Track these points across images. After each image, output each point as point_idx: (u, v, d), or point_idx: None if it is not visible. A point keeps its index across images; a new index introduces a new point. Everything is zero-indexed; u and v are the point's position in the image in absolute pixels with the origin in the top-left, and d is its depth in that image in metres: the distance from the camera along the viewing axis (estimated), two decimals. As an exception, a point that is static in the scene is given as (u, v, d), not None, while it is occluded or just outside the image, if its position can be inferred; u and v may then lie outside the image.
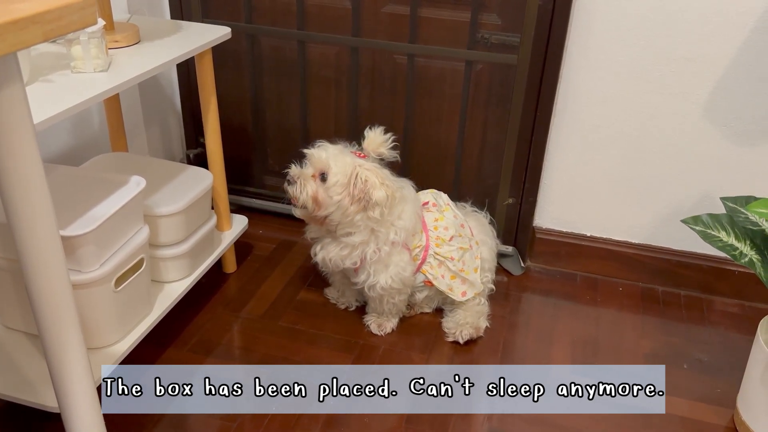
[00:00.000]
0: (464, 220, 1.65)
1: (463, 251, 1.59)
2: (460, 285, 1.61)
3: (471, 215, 1.74)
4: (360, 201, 1.44)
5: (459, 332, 1.59)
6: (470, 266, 1.61)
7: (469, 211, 1.75)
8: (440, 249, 1.57)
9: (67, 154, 1.75)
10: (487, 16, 1.67)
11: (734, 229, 1.37)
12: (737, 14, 1.51)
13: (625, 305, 1.79)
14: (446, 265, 1.58)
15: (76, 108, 1.11)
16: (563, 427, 1.40)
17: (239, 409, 1.41)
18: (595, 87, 1.68)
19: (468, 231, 1.64)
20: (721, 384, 1.53)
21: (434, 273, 1.58)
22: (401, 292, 1.58)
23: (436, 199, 1.64)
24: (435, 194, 1.66)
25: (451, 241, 1.57)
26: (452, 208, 1.64)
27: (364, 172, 1.44)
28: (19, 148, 0.77)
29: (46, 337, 0.90)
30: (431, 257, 1.57)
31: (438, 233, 1.57)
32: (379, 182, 1.43)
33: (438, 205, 1.63)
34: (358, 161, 1.46)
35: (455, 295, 1.60)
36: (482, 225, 1.73)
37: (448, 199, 1.66)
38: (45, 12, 0.69)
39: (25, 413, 1.38)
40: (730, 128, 1.64)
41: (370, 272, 1.52)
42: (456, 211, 1.64)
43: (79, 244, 1.20)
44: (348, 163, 1.45)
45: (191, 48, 1.42)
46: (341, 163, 1.45)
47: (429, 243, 1.56)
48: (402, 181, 1.55)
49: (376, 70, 1.82)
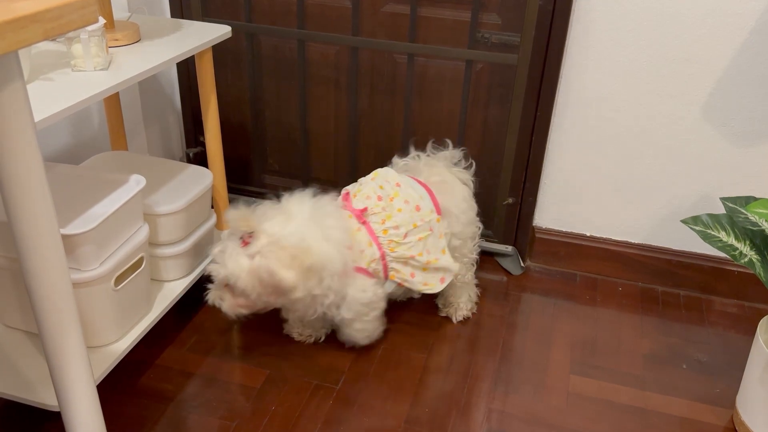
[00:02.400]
0: (419, 197, 1.47)
1: (424, 240, 1.46)
2: (435, 274, 1.51)
3: (432, 168, 1.56)
4: (277, 292, 1.32)
5: (453, 312, 1.67)
6: (436, 252, 1.49)
7: (426, 162, 1.57)
8: (396, 252, 1.45)
9: (67, 152, 1.75)
10: (487, 15, 1.67)
11: (734, 229, 1.37)
12: (735, 15, 1.52)
13: (625, 305, 1.79)
14: (411, 263, 1.47)
15: (76, 106, 1.11)
16: (562, 428, 1.40)
17: (238, 409, 1.41)
18: (595, 87, 1.68)
19: (427, 207, 1.47)
20: (720, 384, 1.54)
21: (402, 275, 1.48)
22: (377, 309, 1.49)
23: (383, 184, 1.47)
24: (382, 178, 1.49)
25: (406, 239, 1.44)
26: (403, 188, 1.47)
27: (263, 265, 1.29)
28: (19, 147, 0.77)
29: (46, 336, 0.90)
30: (392, 262, 1.46)
31: (389, 236, 1.43)
32: (283, 264, 1.28)
33: (383, 197, 1.45)
34: (251, 251, 1.30)
35: (435, 287, 1.51)
36: (445, 180, 1.55)
37: (396, 177, 1.49)
38: (45, 10, 0.68)
39: (25, 412, 1.38)
40: (729, 128, 1.64)
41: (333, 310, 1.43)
42: (408, 191, 1.47)
43: (79, 242, 1.20)
44: (242, 265, 1.30)
45: (191, 47, 1.42)
46: (237, 268, 1.31)
47: (383, 251, 1.44)
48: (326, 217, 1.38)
49: (375, 69, 1.82)
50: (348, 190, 1.50)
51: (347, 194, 1.49)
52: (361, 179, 1.52)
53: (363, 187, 1.49)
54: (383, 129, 1.89)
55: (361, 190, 1.47)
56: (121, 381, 1.47)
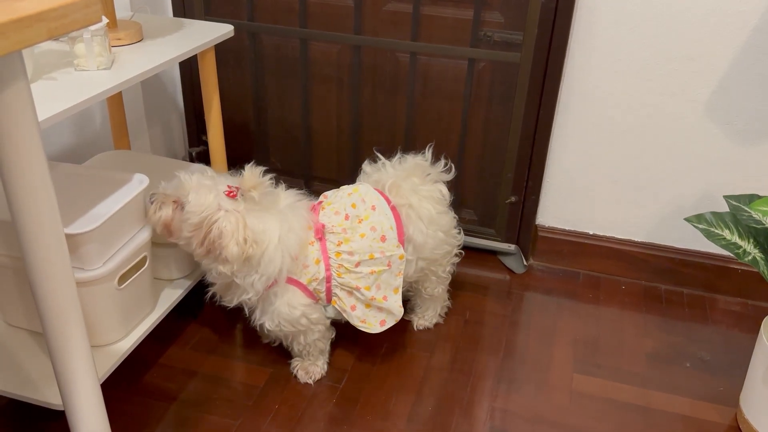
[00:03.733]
0: (389, 227, 1.38)
1: (377, 275, 1.37)
2: (377, 314, 1.40)
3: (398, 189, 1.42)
4: (209, 251, 1.28)
5: (416, 320, 1.66)
6: (387, 290, 1.39)
7: (393, 182, 1.43)
8: (344, 278, 1.36)
9: (70, 151, 1.75)
10: (489, 13, 1.67)
11: (738, 227, 1.37)
12: (738, 13, 1.51)
13: (628, 304, 1.79)
14: (355, 294, 1.38)
15: (79, 106, 1.11)
16: (565, 426, 1.40)
17: (241, 407, 1.41)
18: (598, 85, 1.68)
19: (392, 240, 1.37)
20: (723, 383, 1.53)
21: (343, 305, 1.39)
22: (310, 331, 1.41)
23: (357, 203, 1.40)
24: (359, 196, 1.41)
25: (357, 268, 1.35)
26: (375, 213, 1.38)
27: (223, 223, 1.25)
28: (24, 146, 0.77)
29: (50, 335, 0.90)
30: (336, 288, 1.37)
31: (340, 260, 1.35)
32: (237, 239, 1.25)
33: (350, 217, 1.38)
34: (225, 204, 1.27)
35: (373, 328, 1.40)
36: (410, 204, 1.42)
37: (374, 199, 1.40)
38: (49, 10, 0.68)
39: (29, 411, 1.38)
40: (732, 126, 1.64)
41: (256, 312, 1.38)
42: (379, 218, 1.38)
43: (82, 242, 1.20)
44: (207, 204, 1.26)
45: (194, 46, 1.42)
46: (200, 201, 1.27)
47: (330, 273, 1.36)
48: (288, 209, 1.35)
49: (378, 68, 1.82)
50: (322, 199, 1.44)
51: (319, 203, 1.43)
52: (343, 188, 1.45)
53: (336, 200, 1.42)
54: (385, 128, 1.89)
55: (332, 204, 1.41)
56: (125, 380, 1.47)
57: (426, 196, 1.45)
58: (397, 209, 1.41)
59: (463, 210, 1.92)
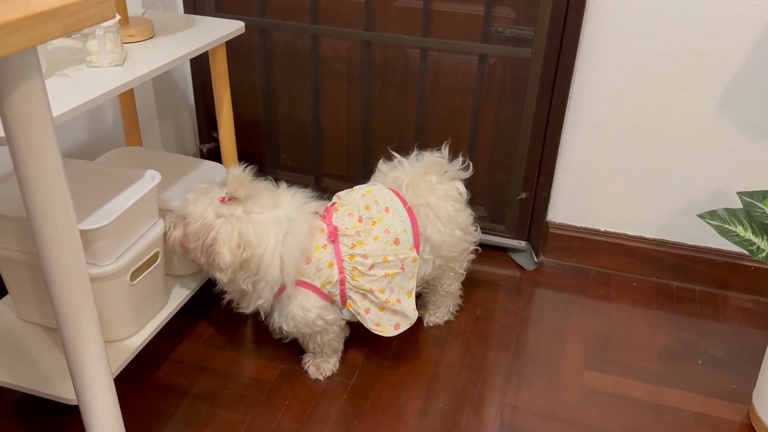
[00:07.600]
0: (403, 229, 1.37)
1: (390, 277, 1.37)
2: (391, 317, 1.40)
3: (415, 189, 1.43)
4: (207, 261, 1.31)
5: (427, 316, 1.66)
6: (400, 293, 1.39)
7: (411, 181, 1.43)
8: (357, 281, 1.36)
9: (82, 148, 1.76)
10: (500, 9, 1.67)
11: (751, 223, 1.36)
12: (751, 6, 1.50)
13: (639, 300, 1.78)
14: (369, 297, 1.38)
15: (92, 102, 1.12)
16: (575, 422, 1.40)
17: (252, 403, 1.42)
18: (610, 81, 1.67)
19: (406, 243, 1.38)
20: (736, 380, 1.53)
21: (357, 307, 1.39)
22: (325, 332, 1.42)
23: (371, 205, 1.38)
24: (372, 198, 1.39)
25: (371, 270, 1.35)
26: (389, 215, 1.37)
27: (216, 231, 1.28)
28: (38, 142, 0.77)
29: (64, 330, 0.91)
30: (350, 290, 1.38)
31: (354, 263, 1.35)
32: (230, 245, 1.26)
33: (364, 219, 1.37)
34: (221, 210, 1.29)
35: (387, 331, 1.40)
36: (428, 203, 1.43)
37: (387, 201, 1.39)
38: (64, 6, 0.69)
39: (43, 406, 1.39)
40: (746, 122, 1.62)
41: (274, 315, 1.40)
42: (393, 220, 1.37)
43: (95, 237, 1.21)
44: (202, 213, 1.30)
45: (205, 42, 1.43)
46: (198, 211, 1.30)
47: (343, 276, 1.36)
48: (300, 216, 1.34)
49: (388, 64, 1.82)
50: (336, 200, 1.43)
51: (332, 204, 1.42)
52: (356, 188, 1.44)
53: (349, 201, 1.41)
54: (396, 124, 1.89)
55: (345, 205, 1.40)
56: (137, 375, 1.48)
57: (443, 194, 1.45)
58: (414, 209, 1.41)
59: (474, 206, 1.91)
